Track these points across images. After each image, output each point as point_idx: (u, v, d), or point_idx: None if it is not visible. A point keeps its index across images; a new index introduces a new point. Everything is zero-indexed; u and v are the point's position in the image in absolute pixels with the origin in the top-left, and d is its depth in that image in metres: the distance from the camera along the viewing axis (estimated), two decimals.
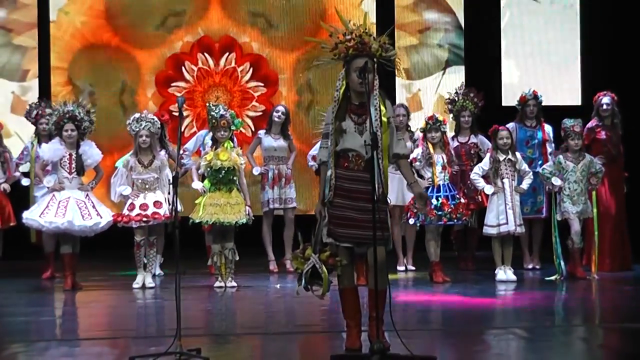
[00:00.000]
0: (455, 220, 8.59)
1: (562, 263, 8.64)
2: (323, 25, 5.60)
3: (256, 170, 9.54)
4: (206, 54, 11.77)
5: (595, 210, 8.84)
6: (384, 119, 5.34)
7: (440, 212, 8.47)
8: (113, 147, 10.64)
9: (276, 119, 9.56)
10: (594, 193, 8.85)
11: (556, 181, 8.68)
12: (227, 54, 11.78)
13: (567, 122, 8.82)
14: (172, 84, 11.67)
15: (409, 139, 9.18)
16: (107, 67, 11.64)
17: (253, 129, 11.53)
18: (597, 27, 11.77)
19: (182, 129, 11.42)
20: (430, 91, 12.03)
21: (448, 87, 11.63)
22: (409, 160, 5.64)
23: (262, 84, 11.85)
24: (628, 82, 10.93)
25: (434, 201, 8.49)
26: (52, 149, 8.49)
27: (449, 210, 8.47)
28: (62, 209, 8.26)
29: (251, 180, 9.75)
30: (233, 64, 11.81)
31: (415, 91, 12.01)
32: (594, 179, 8.78)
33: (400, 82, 11.90)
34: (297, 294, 5.43)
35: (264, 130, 9.67)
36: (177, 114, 5.73)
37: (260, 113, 11.75)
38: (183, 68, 11.76)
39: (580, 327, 6.54)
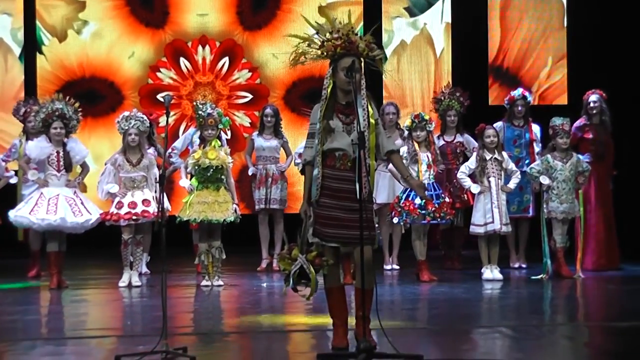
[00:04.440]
0: (439, 220, 8.60)
1: (549, 262, 8.67)
2: (308, 21, 5.59)
3: (250, 171, 9.60)
4: (182, 58, 11.79)
5: (582, 209, 8.87)
6: (372, 120, 5.34)
7: (423, 211, 8.48)
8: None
9: (266, 123, 9.59)
10: (580, 192, 8.89)
11: (544, 180, 8.71)
12: (227, 57, 11.84)
13: (556, 121, 8.85)
14: (157, 95, 11.63)
15: (399, 136, 9.19)
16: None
17: (229, 136, 11.56)
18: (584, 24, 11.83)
19: (180, 130, 11.46)
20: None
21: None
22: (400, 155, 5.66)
23: (250, 95, 11.88)
24: (616, 80, 10.96)
25: (417, 200, 8.50)
26: (38, 147, 8.45)
27: (433, 209, 8.48)
28: (53, 206, 8.24)
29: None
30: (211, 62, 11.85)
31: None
32: (581, 178, 8.82)
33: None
34: (284, 294, 5.43)
35: (257, 132, 9.71)
36: (162, 99, 5.71)
37: (250, 97, 11.80)
38: (182, 60, 11.79)
39: (566, 326, 6.56)
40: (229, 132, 11.52)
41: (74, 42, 11.73)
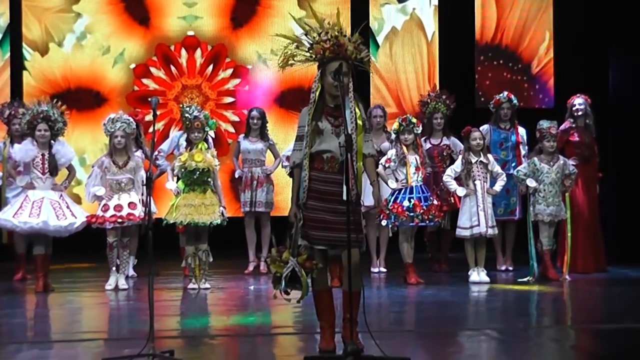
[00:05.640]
0: (427, 222, 8.60)
1: (536, 265, 8.69)
2: (297, 21, 5.58)
3: (236, 174, 9.62)
4: (168, 65, 11.80)
5: (568, 212, 8.89)
6: (359, 122, 5.34)
7: (412, 214, 8.49)
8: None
9: (253, 126, 9.59)
10: (567, 195, 8.91)
11: (531, 182, 8.73)
12: (214, 64, 11.83)
13: (544, 124, 8.88)
14: (148, 98, 11.58)
15: (386, 139, 9.20)
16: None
17: (213, 136, 11.56)
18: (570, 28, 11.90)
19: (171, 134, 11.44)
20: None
21: None
22: (375, 159, 5.62)
23: (233, 99, 11.90)
24: (601, 84, 11.02)
25: (405, 202, 8.51)
26: (23, 150, 8.43)
27: (421, 211, 8.48)
28: (37, 209, 8.21)
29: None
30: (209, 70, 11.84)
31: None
32: (568, 180, 8.84)
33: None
34: (274, 297, 5.42)
35: (243, 135, 9.71)
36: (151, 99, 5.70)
37: (232, 99, 11.82)
38: (171, 66, 11.79)
39: (553, 329, 6.57)
40: (212, 133, 11.56)
41: (55, 55, 11.63)
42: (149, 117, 9.96)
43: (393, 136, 8.83)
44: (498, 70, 12.05)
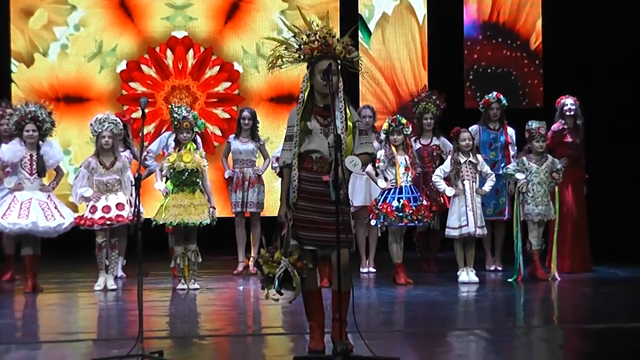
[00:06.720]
0: (416, 222, 8.61)
1: (521, 264, 8.71)
2: (285, 24, 5.58)
3: (226, 174, 9.61)
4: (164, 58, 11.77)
5: (557, 212, 8.91)
6: (350, 123, 5.34)
7: (401, 214, 8.49)
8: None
9: (244, 126, 9.58)
10: (556, 192, 8.92)
11: (520, 175, 8.75)
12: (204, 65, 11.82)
13: (533, 124, 8.90)
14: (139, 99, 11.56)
15: (375, 139, 9.21)
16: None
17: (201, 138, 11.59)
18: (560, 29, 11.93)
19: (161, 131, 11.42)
20: None
21: None
22: (372, 158, 5.62)
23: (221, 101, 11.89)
24: (589, 85, 11.05)
25: (395, 203, 8.52)
26: (11, 150, 8.41)
27: (410, 211, 8.49)
28: (25, 210, 8.20)
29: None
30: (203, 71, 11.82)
31: None
32: (556, 174, 8.86)
33: None
34: (266, 297, 5.42)
35: (234, 135, 9.70)
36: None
37: (217, 100, 11.80)
38: (163, 59, 11.77)
39: (541, 328, 6.59)
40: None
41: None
42: (136, 115, 9.97)
43: (382, 136, 8.84)
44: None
